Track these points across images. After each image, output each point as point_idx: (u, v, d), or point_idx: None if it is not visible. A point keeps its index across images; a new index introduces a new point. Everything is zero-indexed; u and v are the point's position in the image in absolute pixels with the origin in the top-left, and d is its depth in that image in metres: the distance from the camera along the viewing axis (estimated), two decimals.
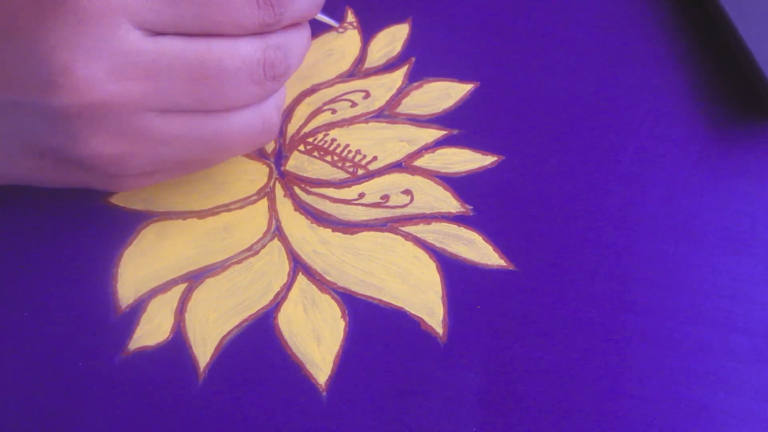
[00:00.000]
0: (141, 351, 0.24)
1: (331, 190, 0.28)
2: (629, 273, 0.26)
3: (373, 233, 0.27)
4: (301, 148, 0.29)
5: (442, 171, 0.28)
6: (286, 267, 0.26)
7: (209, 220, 0.27)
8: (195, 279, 0.26)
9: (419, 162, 0.28)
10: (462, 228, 0.27)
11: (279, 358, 0.24)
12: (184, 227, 0.27)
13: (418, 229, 0.27)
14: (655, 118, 0.29)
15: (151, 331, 0.25)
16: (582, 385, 0.24)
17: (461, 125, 0.29)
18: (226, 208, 0.27)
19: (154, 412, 0.23)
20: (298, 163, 0.28)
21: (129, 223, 0.27)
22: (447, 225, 0.27)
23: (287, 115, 0.29)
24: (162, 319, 0.25)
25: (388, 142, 0.29)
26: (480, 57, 0.31)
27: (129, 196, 0.27)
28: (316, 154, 0.29)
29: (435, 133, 0.29)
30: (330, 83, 0.30)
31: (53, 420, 0.23)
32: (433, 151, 0.28)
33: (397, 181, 0.28)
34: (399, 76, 0.30)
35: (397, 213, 0.27)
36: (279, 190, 0.28)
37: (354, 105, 0.30)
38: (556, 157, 0.28)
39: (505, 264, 0.26)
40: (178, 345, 0.24)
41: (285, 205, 0.27)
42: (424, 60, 0.31)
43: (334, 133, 0.29)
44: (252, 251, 0.26)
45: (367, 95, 0.30)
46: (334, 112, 0.30)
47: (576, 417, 0.23)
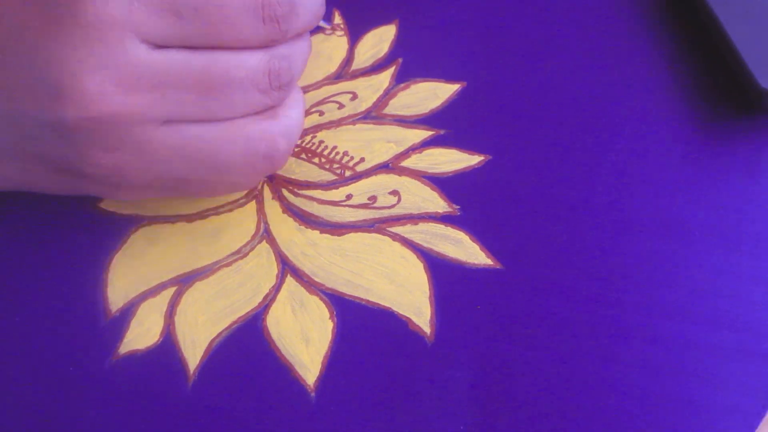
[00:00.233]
0: (131, 355, 0.24)
1: (319, 191, 0.28)
2: (616, 270, 0.26)
3: (361, 234, 0.27)
4: None
5: (429, 171, 0.28)
6: (274, 269, 0.26)
7: (198, 223, 0.27)
8: (184, 282, 0.26)
9: (406, 162, 0.28)
10: (449, 228, 0.27)
11: (268, 359, 0.24)
12: (173, 231, 0.27)
13: (405, 230, 0.27)
14: (641, 115, 0.29)
15: (141, 335, 0.25)
16: (570, 383, 0.24)
17: (448, 125, 0.29)
18: (215, 211, 0.27)
19: (144, 415, 0.23)
20: (286, 165, 0.28)
21: (119, 228, 0.27)
22: (434, 225, 0.27)
23: None
24: (152, 323, 0.25)
25: (375, 143, 0.29)
26: (467, 57, 0.31)
27: (119, 201, 0.27)
28: (304, 156, 0.29)
29: (422, 134, 0.29)
30: (317, 85, 0.30)
31: (43, 424, 0.23)
32: (421, 152, 0.29)
33: (385, 182, 0.28)
34: (386, 77, 0.31)
35: (385, 214, 0.27)
36: (267, 192, 0.28)
37: (341, 107, 0.30)
38: (542, 156, 0.28)
39: (492, 263, 0.26)
40: (167, 348, 0.25)
41: (273, 208, 0.27)
42: (411, 61, 0.31)
43: (321, 135, 0.29)
44: (241, 254, 0.26)
45: (354, 97, 0.30)
46: (321, 114, 0.30)
47: (564, 414, 0.23)
